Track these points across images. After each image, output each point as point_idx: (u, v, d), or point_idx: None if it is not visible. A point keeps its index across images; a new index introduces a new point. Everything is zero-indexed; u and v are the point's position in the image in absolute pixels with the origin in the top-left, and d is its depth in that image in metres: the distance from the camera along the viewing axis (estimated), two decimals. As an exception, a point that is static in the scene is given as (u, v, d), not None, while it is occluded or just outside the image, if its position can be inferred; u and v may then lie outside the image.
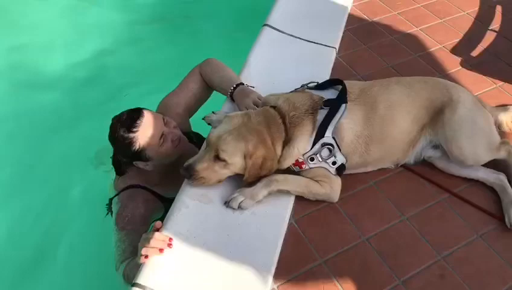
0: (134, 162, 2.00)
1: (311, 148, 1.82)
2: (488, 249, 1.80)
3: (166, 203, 1.94)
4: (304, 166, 1.84)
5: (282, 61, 2.55)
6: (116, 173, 2.14)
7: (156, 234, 1.65)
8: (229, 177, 1.87)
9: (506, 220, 1.84)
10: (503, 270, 1.74)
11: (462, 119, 1.92)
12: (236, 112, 1.91)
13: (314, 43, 2.67)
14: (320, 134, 1.82)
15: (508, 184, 1.94)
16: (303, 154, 1.82)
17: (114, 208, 2.02)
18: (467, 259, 1.77)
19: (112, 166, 2.13)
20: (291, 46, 2.65)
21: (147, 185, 2.07)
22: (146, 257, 1.61)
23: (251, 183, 1.81)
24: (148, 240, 1.63)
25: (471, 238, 1.84)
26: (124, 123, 1.92)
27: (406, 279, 1.70)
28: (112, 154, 2.10)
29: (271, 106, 1.88)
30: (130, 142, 1.92)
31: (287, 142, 1.82)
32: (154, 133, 1.94)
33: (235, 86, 2.16)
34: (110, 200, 2.10)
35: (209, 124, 2.11)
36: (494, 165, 2.01)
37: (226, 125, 1.80)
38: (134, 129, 1.91)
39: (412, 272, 1.72)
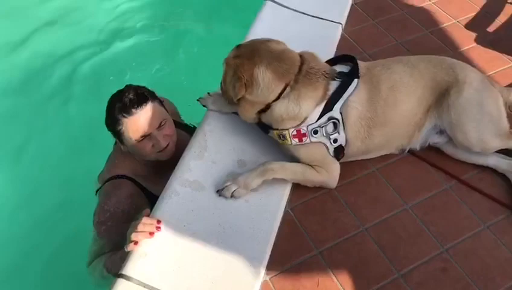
0: (115, 137, 1.94)
1: (317, 120, 1.70)
2: (495, 241, 1.70)
3: (152, 201, 1.78)
4: (304, 139, 1.71)
5: (284, 38, 2.35)
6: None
7: (144, 218, 1.61)
8: (222, 165, 1.83)
9: None
10: (510, 265, 1.64)
11: (467, 102, 1.78)
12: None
13: (319, 18, 2.53)
14: (329, 106, 1.70)
15: None
16: (307, 126, 1.70)
17: (98, 199, 1.93)
18: (472, 252, 1.67)
19: None
20: (295, 22, 2.51)
21: (134, 176, 1.94)
22: (136, 243, 1.56)
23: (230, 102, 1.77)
24: (136, 226, 1.58)
25: (478, 229, 1.73)
26: (123, 101, 1.84)
27: (405, 272, 1.61)
28: None
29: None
30: (116, 121, 1.86)
31: (292, 90, 1.67)
32: (139, 129, 1.85)
33: None
34: (96, 192, 2.00)
35: (204, 106, 2.02)
36: (506, 151, 1.88)
37: (250, 40, 1.84)
38: (126, 114, 1.84)
39: (412, 265, 1.63)
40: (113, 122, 1.87)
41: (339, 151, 1.76)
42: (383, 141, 1.84)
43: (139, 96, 1.86)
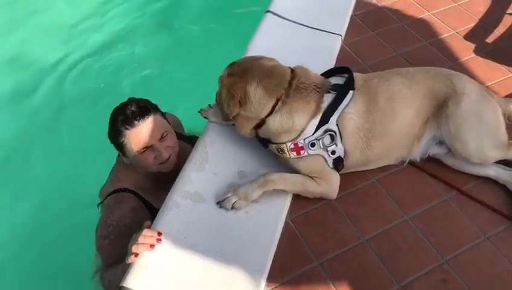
0: (117, 150, 1.97)
1: (313, 133, 1.72)
2: (495, 253, 1.69)
3: (154, 214, 1.79)
4: (302, 152, 1.73)
5: (284, 50, 2.41)
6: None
7: (145, 230, 1.62)
8: (223, 176, 1.84)
9: None
10: (511, 276, 1.63)
11: (466, 113, 1.79)
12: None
13: (319, 30, 2.55)
14: (325, 119, 1.72)
15: None
16: (304, 139, 1.72)
17: (101, 213, 1.94)
18: (472, 263, 1.67)
19: None
20: (295, 34, 2.54)
21: (136, 189, 1.96)
22: (136, 255, 1.57)
23: (226, 119, 1.80)
24: (136, 238, 1.59)
25: (478, 240, 1.73)
26: (125, 113, 1.86)
27: (405, 284, 1.61)
28: None
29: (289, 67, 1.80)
30: (119, 134, 1.88)
31: (284, 104, 1.70)
32: (141, 141, 1.87)
33: None
34: (99, 205, 2.01)
35: (205, 117, 2.04)
36: (506, 162, 1.88)
37: (243, 57, 1.89)
38: (128, 127, 1.87)
39: (412, 276, 1.63)
40: (116, 134, 1.89)
41: (338, 163, 1.77)
42: (382, 152, 1.85)
43: (141, 108, 1.89)
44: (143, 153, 1.89)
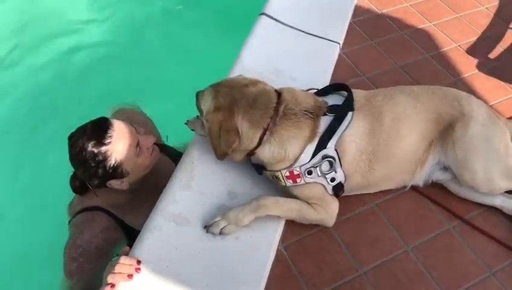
0: (107, 183, 1.69)
1: (310, 160, 1.58)
2: (501, 290, 1.59)
3: (130, 234, 1.65)
4: (298, 180, 1.59)
5: (279, 56, 2.29)
6: (80, 194, 1.82)
7: (122, 257, 1.46)
8: (211, 196, 1.67)
9: None
10: (517, 317, 1.53)
11: (474, 138, 1.67)
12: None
13: (316, 36, 2.40)
14: (322, 144, 1.57)
15: None
16: (300, 166, 1.58)
17: (69, 232, 1.73)
18: (476, 301, 1.56)
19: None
20: (290, 40, 2.38)
21: (108, 207, 1.73)
22: (112, 286, 1.40)
23: (221, 158, 1.62)
24: (113, 266, 1.43)
25: (483, 275, 1.62)
26: (91, 136, 1.61)
27: (406, 323, 1.49)
28: (72, 179, 1.79)
29: (275, 90, 1.64)
30: (104, 158, 1.62)
31: (272, 133, 1.56)
32: (129, 142, 1.66)
33: None
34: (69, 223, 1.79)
35: (192, 130, 1.87)
36: (512, 190, 1.78)
37: (226, 80, 1.69)
38: (107, 141, 1.62)
39: (413, 314, 1.51)
40: (102, 163, 1.62)
41: (338, 189, 1.64)
42: (384, 176, 1.72)
43: (97, 120, 1.67)
44: (139, 154, 1.69)
